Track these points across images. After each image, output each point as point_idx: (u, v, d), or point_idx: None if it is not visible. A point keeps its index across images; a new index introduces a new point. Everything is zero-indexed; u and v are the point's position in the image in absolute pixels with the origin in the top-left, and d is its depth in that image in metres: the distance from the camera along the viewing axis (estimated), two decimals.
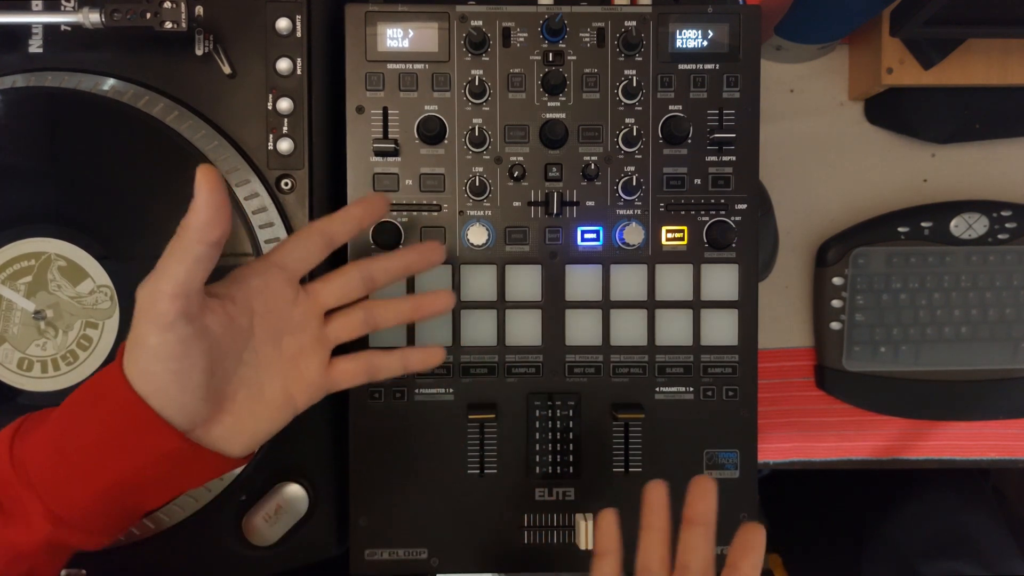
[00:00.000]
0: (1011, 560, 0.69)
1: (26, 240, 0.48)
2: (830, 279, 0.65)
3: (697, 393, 0.51)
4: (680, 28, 0.50)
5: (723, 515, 0.51)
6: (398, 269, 0.46)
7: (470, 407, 0.50)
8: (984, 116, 0.65)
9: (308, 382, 0.43)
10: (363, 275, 0.45)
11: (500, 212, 0.51)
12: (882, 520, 0.74)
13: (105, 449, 0.38)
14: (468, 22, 0.50)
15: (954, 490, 0.75)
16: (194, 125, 0.49)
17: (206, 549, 0.50)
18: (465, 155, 0.50)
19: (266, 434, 0.43)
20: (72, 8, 0.50)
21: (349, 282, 0.45)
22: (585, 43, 0.50)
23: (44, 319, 0.48)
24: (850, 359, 0.65)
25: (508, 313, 0.51)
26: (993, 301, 0.64)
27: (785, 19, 0.60)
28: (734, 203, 0.51)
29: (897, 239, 0.64)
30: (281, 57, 0.50)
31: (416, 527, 0.51)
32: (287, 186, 0.51)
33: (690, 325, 0.51)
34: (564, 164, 0.50)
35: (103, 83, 0.49)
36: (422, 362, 0.46)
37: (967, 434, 0.67)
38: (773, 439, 0.67)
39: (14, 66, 0.50)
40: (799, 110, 0.67)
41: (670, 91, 0.50)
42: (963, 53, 0.61)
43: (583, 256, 0.51)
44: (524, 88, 0.50)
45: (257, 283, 0.42)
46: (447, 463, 0.51)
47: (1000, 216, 0.64)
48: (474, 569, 0.51)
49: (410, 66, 0.50)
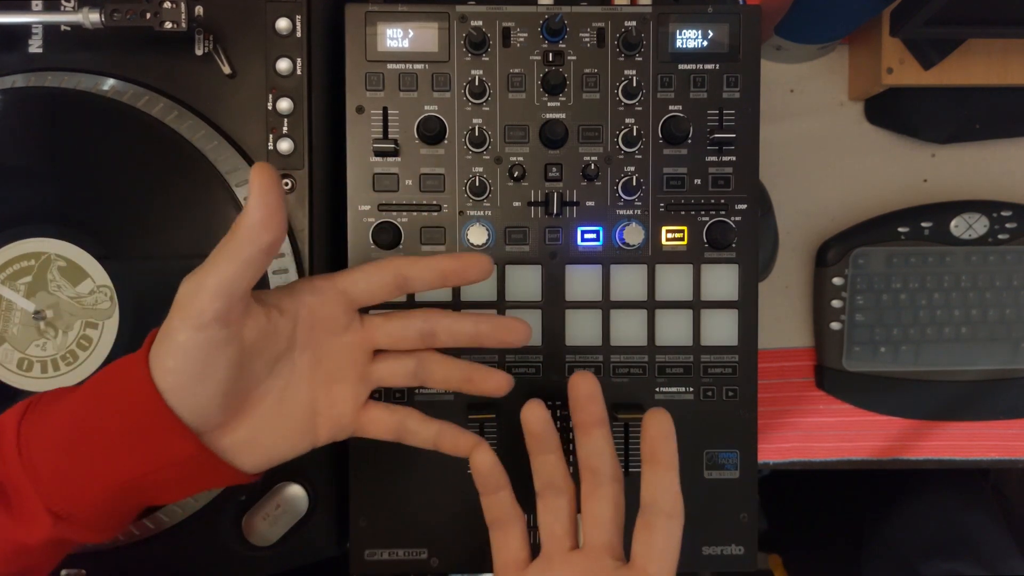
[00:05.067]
0: (1011, 560, 0.69)
1: (26, 240, 0.48)
2: (830, 279, 0.65)
3: (697, 393, 0.51)
4: (680, 28, 0.50)
5: (723, 515, 0.52)
6: (467, 335, 0.43)
7: (470, 407, 0.50)
8: (984, 116, 0.65)
9: (337, 415, 0.41)
10: (425, 327, 0.42)
11: (500, 212, 0.51)
12: (882, 520, 0.75)
13: (119, 448, 0.36)
14: (468, 22, 0.50)
15: (954, 490, 0.75)
16: (194, 125, 0.49)
17: (206, 549, 0.50)
18: (465, 155, 0.50)
19: (281, 456, 0.41)
20: (72, 8, 0.50)
21: (408, 328, 0.42)
22: (585, 43, 0.50)
23: (44, 319, 0.48)
24: (850, 359, 0.65)
25: (508, 313, 0.51)
26: (993, 301, 0.64)
27: (785, 19, 0.60)
28: (734, 203, 0.51)
29: (897, 239, 0.64)
30: (281, 57, 0.50)
31: (416, 527, 0.51)
32: (287, 186, 0.51)
33: (690, 325, 0.51)
34: (564, 164, 0.50)
35: (103, 83, 0.49)
36: (454, 445, 0.43)
37: (967, 434, 0.67)
38: (773, 439, 0.67)
39: (14, 66, 0.50)
40: (799, 110, 0.67)
41: (670, 91, 0.50)
42: (963, 53, 0.61)
43: (583, 256, 0.51)
44: (524, 88, 0.50)
45: (312, 301, 0.40)
46: (447, 463, 0.51)
47: (1000, 216, 0.64)
48: (474, 569, 0.51)
49: (410, 66, 0.50)
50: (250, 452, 0.39)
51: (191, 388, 0.36)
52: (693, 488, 0.51)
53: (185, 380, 0.36)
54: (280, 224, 0.35)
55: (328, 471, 0.51)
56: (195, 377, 0.36)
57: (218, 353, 0.35)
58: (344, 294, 0.41)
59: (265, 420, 0.40)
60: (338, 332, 0.41)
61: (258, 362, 0.38)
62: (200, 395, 0.36)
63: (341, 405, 0.42)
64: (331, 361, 0.41)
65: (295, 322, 0.39)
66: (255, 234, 0.34)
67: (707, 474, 0.51)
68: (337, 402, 0.41)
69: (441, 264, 0.41)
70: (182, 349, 0.35)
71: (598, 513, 0.41)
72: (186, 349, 0.35)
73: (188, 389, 0.36)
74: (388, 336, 0.42)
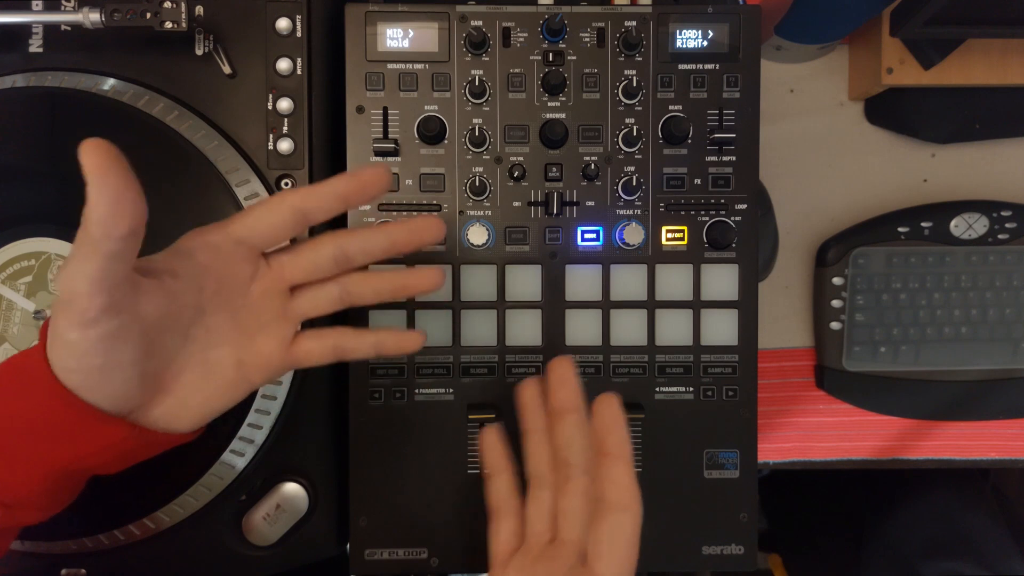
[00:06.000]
0: (1011, 560, 0.69)
1: (26, 240, 0.48)
2: (830, 279, 0.65)
3: (697, 393, 0.51)
4: (680, 28, 0.50)
5: (723, 515, 0.52)
6: (381, 248, 0.40)
7: (470, 407, 0.50)
8: (984, 116, 0.65)
9: (265, 359, 0.40)
10: (337, 251, 0.40)
11: (500, 212, 0.51)
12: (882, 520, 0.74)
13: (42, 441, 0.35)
14: (468, 22, 0.50)
15: (954, 490, 0.75)
16: (194, 125, 0.49)
17: (206, 549, 0.50)
18: (465, 155, 0.50)
19: (217, 410, 0.39)
20: (72, 8, 0.50)
21: (319, 258, 0.40)
22: (585, 43, 0.50)
23: (44, 319, 0.48)
24: (850, 359, 0.65)
25: (508, 313, 0.51)
26: (993, 301, 0.64)
27: (785, 19, 0.60)
28: (734, 203, 0.51)
29: (897, 239, 0.64)
30: (281, 57, 0.50)
31: (416, 527, 0.51)
32: (287, 186, 0.51)
33: (690, 325, 0.51)
34: (564, 164, 0.50)
35: (103, 83, 0.49)
36: (397, 346, 0.42)
37: (967, 434, 0.67)
38: (773, 439, 0.67)
39: (14, 66, 0.50)
40: (799, 110, 0.67)
41: (670, 91, 0.50)
42: (963, 53, 0.61)
43: (583, 256, 0.51)
44: (524, 88, 0.50)
45: (206, 258, 0.37)
46: (447, 463, 0.51)
47: (1000, 216, 0.64)
48: (474, 569, 0.51)
49: (410, 66, 0.50)
50: (184, 415, 0.38)
51: (101, 380, 0.34)
52: (693, 488, 0.51)
53: (92, 375, 0.34)
54: (133, 206, 0.31)
55: (328, 471, 0.51)
56: (101, 370, 0.34)
57: (117, 341, 0.33)
58: (242, 243, 0.38)
59: (192, 385, 0.38)
60: (246, 283, 0.39)
61: (168, 335, 0.36)
62: (113, 383, 0.34)
63: (267, 350, 0.40)
64: (247, 313, 0.39)
65: (199, 287, 0.37)
66: (108, 227, 0.30)
67: (707, 474, 0.51)
68: (263, 350, 0.39)
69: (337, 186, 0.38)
70: (77, 348, 0.33)
71: (566, 507, 0.39)
72: (81, 348, 0.33)
73: (98, 382, 0.34)
74: (301, 271, 0.40)
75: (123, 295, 0.33)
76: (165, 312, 0.35)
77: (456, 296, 0.50)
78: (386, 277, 0.41)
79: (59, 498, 0.38)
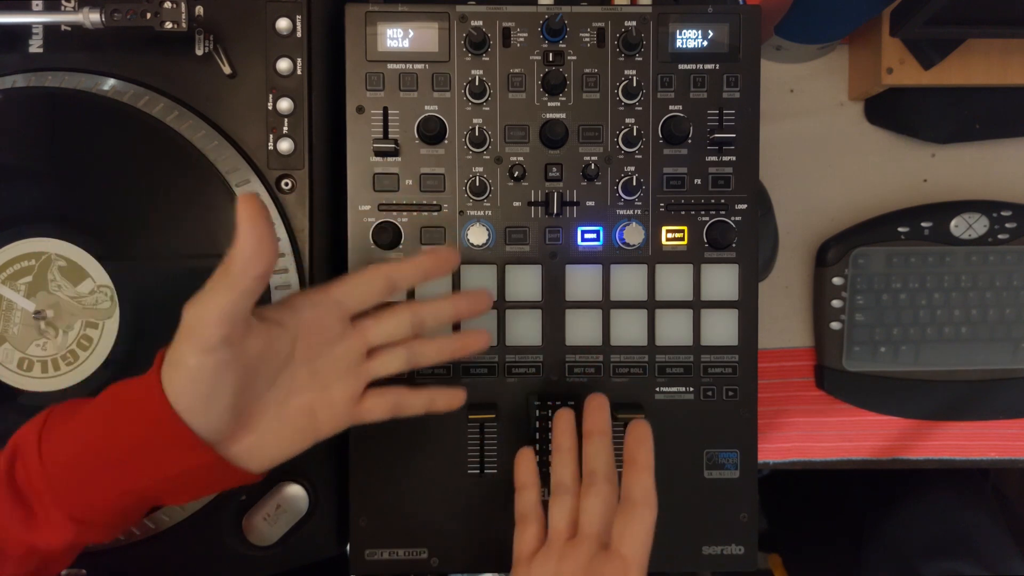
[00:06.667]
0: (1011, 560, 0.69)
1: (26, 240, 0.48)
2: (830, 279, 0.65)
3: (697, 393, 0.51)
4: (680, 28, 0.50)
5: (723, 515, 0.52)
6: (448, 316, 0.46)
7: (470, 407, 0.50)
8: (984, 116, 0.65)
9: (335, 411, 0.44)
10: (414, 319, 0.45)
11: (500, 212, 0.51)
12: (882, 520, 0.74)
13: (138, 460, 0.38)
14: (468, 22, 0.50)
15: (954, 490, 0.75)
16: (194, 125, 0.49)
17: (206, 549, 0.50)
18: (465, 155, 0.50)
19: (285, 455, 0.43)
20: (72, 8, 0.50)
21: (399, 325, 0.45)
22: (585, 43, 0.50)
23: (44, 319, 0.48)
24: (850, 359, 0.65)
25: (508, 313, 0.51)
26: (993, 301, 0.64)
27: (785, 19, 0.60)
28: (734, 203, 0.51)
29: (897, 239, 0.64)
30: (281, 57, 0.50)
31: (416, 527, 0.51)
32: (287, 186, 0.51)
33: (690, 325, 0.51)
34: (564, 164, 0.50)
35: (103, 83, 0.49)
36: (447, 404, 0.47)
37: (967, 434, 0.67)
38: (773, 439, 0.67)
39: (14, 66, 0.50)
40: (799, 110, 0.67)
41: (670, 91, 0.50)
42: (963, 53, 0.61)
43: (583, 256, 0.51)
44: (524, 88, 0.50)
45: (310, 315, 0.42)
46: (447, 463, 0.51)
47: (1000, 216, 0.64)
48: (474, 569, 0.51)
49: (410, 66, 0.50)
50: (257, 455, 0.42)
51: (204, 406, 0.38)
52: (693, 488, 0.51)
53: (198, 400, 0.38)
54: (270, 252, 0.37)
55: (328, 471, 0.51)
56: (207, 396, 0.38)
57: (226, 372, 0.38)
58: (339, 304, 0.43)
59: (269, 427, 0.42)
60: (334, 341, 0.43)
61: (260, 378, 0.40)
62: (212, 411, 0.38)
63: (338, 403, 0.44)
64: (328, 368, 0.43)
65: (294, 337, 0.42)
66: (249, 266, 0.36)
67: (707, 474, 0.51)
68: (335, 402, 0.43)
69: (423, 263, 0.44)
70: (193, 372, 0.37)
71: (589, 507, 0.44)
72: (197, 372, 0.37)
73: (201, 407, 0.38)
74: (384, 335, 0.44)
75: (239, 331, 0.38)
76: (263, 355, 0.40)
77: None
78: (446, 342, 0.46)
79: (127, 520, 0.41)
